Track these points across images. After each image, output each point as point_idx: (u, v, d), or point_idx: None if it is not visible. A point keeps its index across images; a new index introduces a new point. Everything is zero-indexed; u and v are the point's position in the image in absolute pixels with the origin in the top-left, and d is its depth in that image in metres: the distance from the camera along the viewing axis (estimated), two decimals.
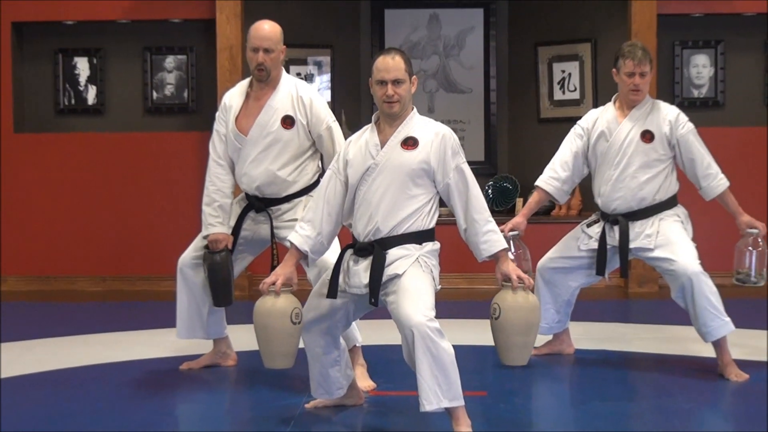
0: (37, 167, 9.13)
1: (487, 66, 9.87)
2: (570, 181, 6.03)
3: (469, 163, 4.72)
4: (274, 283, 4.55)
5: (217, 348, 5.97)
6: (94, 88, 9.38)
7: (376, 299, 4.55)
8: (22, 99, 9.30)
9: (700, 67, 9.30)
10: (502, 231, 4.97)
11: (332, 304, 4.67)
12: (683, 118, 5.91)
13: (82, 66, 9.37)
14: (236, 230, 5.71)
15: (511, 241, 5.65)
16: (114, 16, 9.11)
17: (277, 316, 4.54)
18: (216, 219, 5.61)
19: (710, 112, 9.28)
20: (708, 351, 5.88)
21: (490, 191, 9.47)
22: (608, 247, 5.91)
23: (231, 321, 5.97)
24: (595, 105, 9.12)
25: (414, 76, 4.67)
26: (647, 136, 5.85)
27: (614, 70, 5.92)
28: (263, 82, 5.54)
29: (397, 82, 4.56)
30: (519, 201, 9.24)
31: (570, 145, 6.04)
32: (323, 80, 9.58)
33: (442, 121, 4.82)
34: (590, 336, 6.72)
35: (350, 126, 9.18)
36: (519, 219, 5.88)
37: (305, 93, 5.55)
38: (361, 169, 4.62)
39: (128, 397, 5.38)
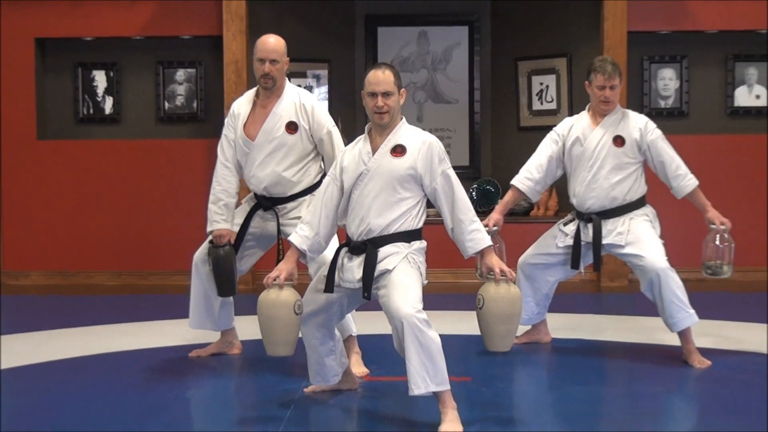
0: (59, 172, 9.12)
1: (471, 79, 9.87)
2: (543, 182, 6.07)
3: (455, 167, 4.73)
4: (277, 278, 4.56)
5: (224, 338, 5.96)
6: (111, 98, 9.37)
7: (368, 293, 4.56)
8: (44, 109, 9.29)
9: (667, 80, 9.30)
10: (485, 226, 5.08)
11: (328, 298, 4.67)
12: (652, 125, 5.95)
13: (100, 78, 9.35)
14: (245, 227, 5.71)
15: (491, 236, 5.60)
16: (129, 33, 9.11)
17: (282, 307, 4.55)
18: (221, 216, 5.61)
19: (676, 121, 9.29)
20: (674, 340, 5.89)
21: (474, 193, 9.46)
22: (582, 243, 5.94)
23: (236, 312, 5.96)
24: (571, 114, 9.11)
25: (402, 89, 4.67)
26: (619, 140, 5.89)
27: (587, 82, 5.97)
28: (269, 90, 5.55)
29: (386, 94, 4.57)
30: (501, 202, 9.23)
31: (546, 149, 6.07)
32: (321, 92, 9.57)
33: (430, 129, 4.85)
34: (566, 326, 6.72)
35: (346, 134, 9.11)
36: (496, 215, 5.93)
37: (307, 100, 5.57)
38: (355, 174, 4.63)
39: (142, 381, 5.38)
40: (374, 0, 9.85)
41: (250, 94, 5.69)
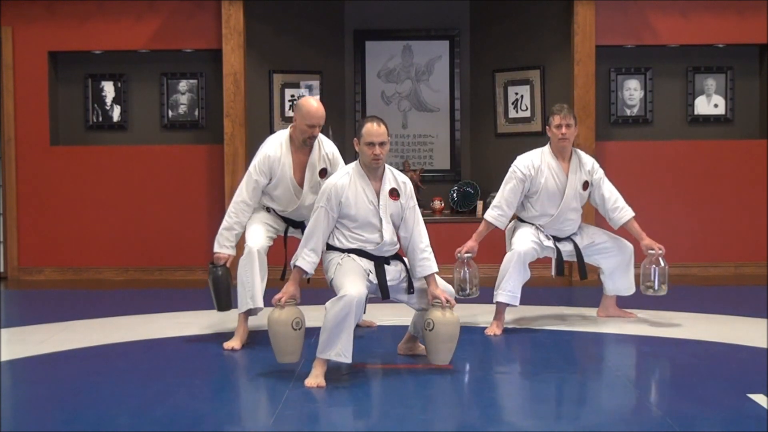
0: (70, 175, 9.11)
1: (452, 89, 9.88)
2: (510, 215, 6.48)
3: (436, 171, 4.86)
4: (280, 299, 5.05)
5: (245, 327, 5.93)
6: (119, 107, 9.35)
7: (387, 292, 5.20)
8: (56, 117, 9.27)
9: (632, 90, 9.33)
10: (458, 252, 6.04)
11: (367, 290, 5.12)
12: (597, 165, 6.56)
13: (108, 89, 9.33)
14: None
15: (465, 260, 6.14)
16: (136, 46, 9.09)
17: (282, 324, 5.04)
18: (229, 243, 5.94)
19: (640, 128, 9.33)
20: (638, 330, 5.91)
21: (455, 195, 9.47)
22: (563, 252, 6.47)
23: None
24: (543, 122, 9.16)
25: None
26: (585, 185, 6.46)
27: (547, 126, 6.45)
28: (308, 146, 5.93)
29: (382, 144, 5.09)
30: (480, 203, 9.24)
31: (514, 188, 6.42)
32: None
33: (414, 136, 4.95)
34: (541, 318, 6.75)
35: (336, 139, 9.14)
36: (472, 243, 6.25)
37: (329, 150, 6.02)
38: (371, 215, 5.13)
39: (149, 370, 5.37)
40: (362, 16, 9.86)
41: (284, 142, 5.94)
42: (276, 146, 5.93)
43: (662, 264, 6.27)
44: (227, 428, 4.37)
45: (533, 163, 6.39)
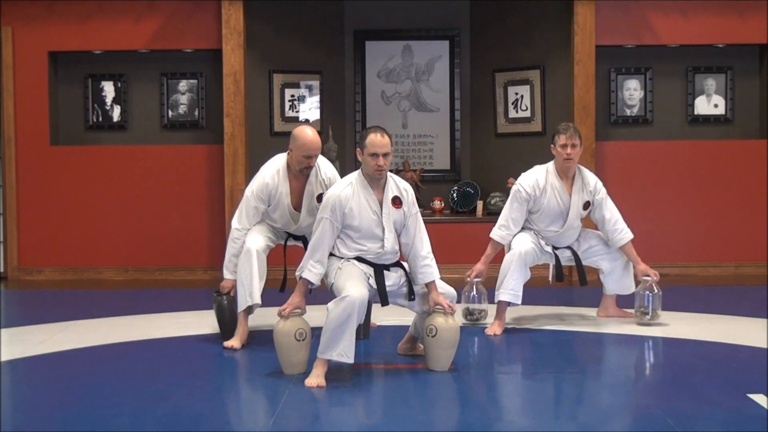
0: (70, 175, 9.11)
1: (452, 89, 9.88)
2: (517, 232, 6.46)
3: (436, 171, 4.85)
4: (285, 310, 5.08)
5: (246, 326, 5.94)
6: (119, 107, 9.35)
7: (386, 299, 5.19)
8: (56, 117, 9.28)
9: (632, 90, 9.33)
10: (467, 276, 6.16)
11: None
12: (600, 185, 6.52)
13: (108, 89, 9.34)
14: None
15: (474, 284, 6.26)
16: (136, 46, 9.10)
17: (285, 335, 5.08)
18: (235, 268, 5.92)
19: (640, 128, 9.33)
20: (638, 330, 5.94)
21: (455, 195, 9.47)
22: (561, 258, 6.54)
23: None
24: (543, 122, 9.17)
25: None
26: (587, 204, 6.44)
27: (552, 145, 6.41)
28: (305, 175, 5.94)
29: (385, 155, 5.08)
30: (480, 203, 9.23)
31: (519, 207, 6.43)
32: (313, 101, 9.57)
33: (414, 136, 4.94)
34: (541, 318, 6.75)
35: (336, 139, 9.18)
36: (481, 267, 6.34)
37: (326, 174, 5.98)
38: (374, 225, 5.13)
39: (149, 369, 5.35)
40: (362, 16, 9.87)
41: (281, 169, 5.96)
42: (273, 173, 5.96)
43: (656, 291, 6.35)
44: (227, 428, 4.37)
45: (538, 183, 6.39)
